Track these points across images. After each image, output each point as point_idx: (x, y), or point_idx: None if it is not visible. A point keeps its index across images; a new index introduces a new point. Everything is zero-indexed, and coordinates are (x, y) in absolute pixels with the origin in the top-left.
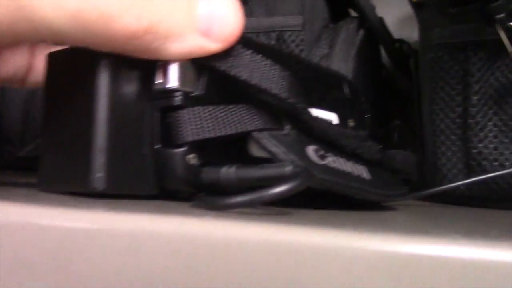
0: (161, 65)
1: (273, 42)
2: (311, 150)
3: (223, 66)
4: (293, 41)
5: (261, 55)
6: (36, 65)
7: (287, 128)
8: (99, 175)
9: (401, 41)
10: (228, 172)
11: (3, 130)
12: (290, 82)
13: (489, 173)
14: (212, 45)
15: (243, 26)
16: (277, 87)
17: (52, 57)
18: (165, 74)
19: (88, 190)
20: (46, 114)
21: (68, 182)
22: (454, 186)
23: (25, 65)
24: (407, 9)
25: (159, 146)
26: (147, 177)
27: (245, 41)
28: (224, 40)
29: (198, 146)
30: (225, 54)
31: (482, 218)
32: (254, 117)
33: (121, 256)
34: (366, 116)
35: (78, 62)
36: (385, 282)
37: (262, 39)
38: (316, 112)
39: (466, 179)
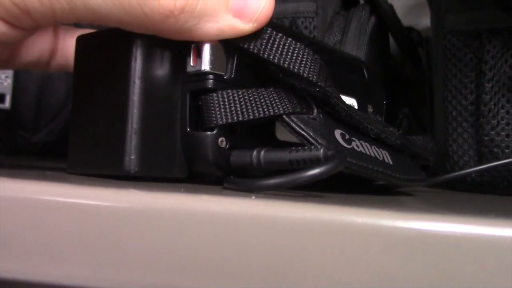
0: (194, 47)
1: None
2: (338, 134)
3: (255, 48)
4: (306, 27)
5: (290, 39)
6: (59, 49)
7: (315, 112)
8: (132, 158)
9: (410, 29)
10: (259, 155)
11: (17, 115)
12: (320, 65)
13: (500, 160)
14: (244, 26)
15: (273, 8)
16: (308, 70)
17: (81, 40)
18: (197, 57)
19: (120, 173)
20: (75, 97)
21: (99, 164)
22: (468, 172)
23: (49, 49)
24: None
25: (190, 129)
26: (177, 160)
27: (273, 24)
28: (255, 20)
29: (228, 130)
30: (257, 36)
31: (494, 204)
32: (284, 100)
33: (158, 236)
34: (383, 102)
35: (109, 44)
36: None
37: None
38: None
39: (477, 166)
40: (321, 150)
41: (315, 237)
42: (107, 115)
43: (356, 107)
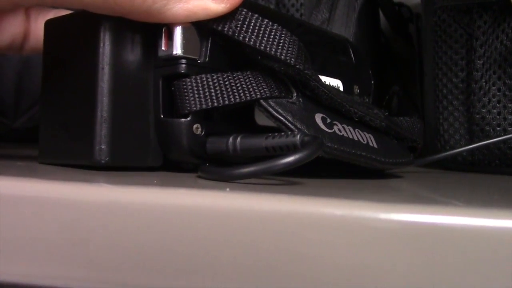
0: (165, 30)
1: (272, 6)
2: (318, 118)
3: (230, 30)
4: (292, 5)
5: (267, 20)
6: (32, 31)
7: (295, 96)
8: (102, 147)
9: (400, 5)
10: (235, 142)
11: None
12: (298, 47)
13: (491, 138)
14: (216, 6)
15: None
16: (286, 52)
17: (49, 24)
18: (168, 40)
19: (91, 163)
20: (45, 84)
21: (69, 154)
22: (459, 151)
23: (22, 32)
24: None
25: (163, 116)
26: (151, 148)
27: (250, 5)
28: (228, 0)
29: (203, 116)
30: (232, 18)
31: (484, 184)
32: (261, 84)
33: (127, 230)
34: (371, 82)
35: (77, 28)
36: (394, 251)
37: (261, 3)
38: (321, 79)
39: (468, 145)
40: (298, 136)
41: (283, 230)
42: (76, 103)
43: (341, 88)
